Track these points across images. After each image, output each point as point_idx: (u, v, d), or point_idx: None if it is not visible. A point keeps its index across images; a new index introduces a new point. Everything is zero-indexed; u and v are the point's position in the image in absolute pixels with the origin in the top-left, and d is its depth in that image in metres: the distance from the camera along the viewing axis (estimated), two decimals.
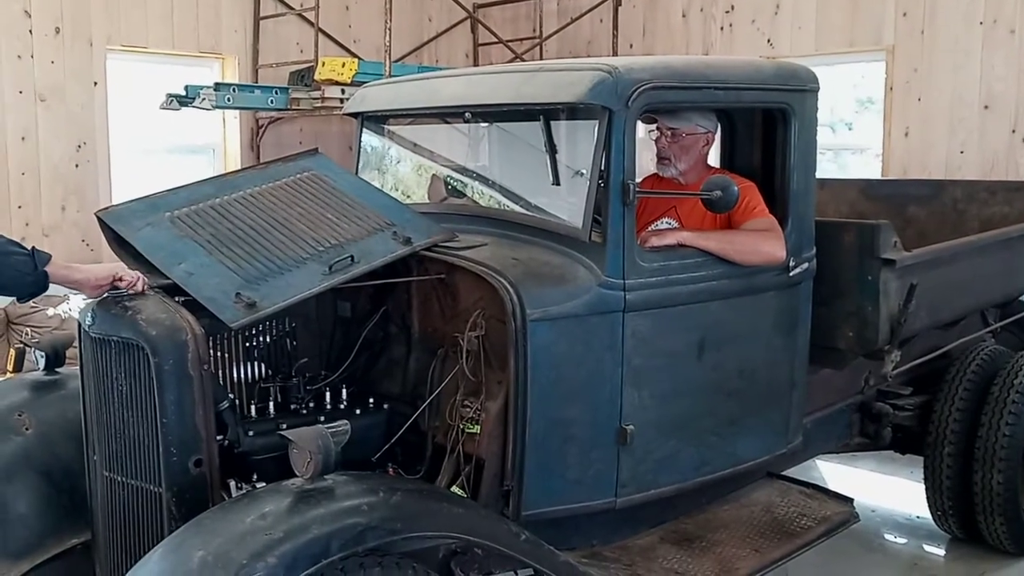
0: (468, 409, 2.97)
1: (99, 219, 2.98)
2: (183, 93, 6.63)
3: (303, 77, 7.16)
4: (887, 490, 5.16)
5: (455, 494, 2.85)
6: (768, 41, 7.34)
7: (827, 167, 6.82)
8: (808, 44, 7.11)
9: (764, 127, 3.73)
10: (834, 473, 5.27)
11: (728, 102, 3.35)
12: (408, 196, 3.92)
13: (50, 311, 6.28)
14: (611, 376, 2.99)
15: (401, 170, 4.10)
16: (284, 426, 2.82)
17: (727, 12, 7.59)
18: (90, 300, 2.83)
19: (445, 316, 3.14)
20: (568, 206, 3.19)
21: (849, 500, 3.61)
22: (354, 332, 3.26)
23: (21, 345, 4.91)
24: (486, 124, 3.77)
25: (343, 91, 6.95)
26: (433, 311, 3.19)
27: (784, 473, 3.78)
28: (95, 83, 6.81)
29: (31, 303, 6.27)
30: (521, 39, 8.60)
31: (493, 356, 2.93)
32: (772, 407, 3.46)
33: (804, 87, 3.38)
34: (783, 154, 3.38)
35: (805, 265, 3.41)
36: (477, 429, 2.94)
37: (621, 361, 2.99)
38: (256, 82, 7.44)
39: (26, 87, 6.50)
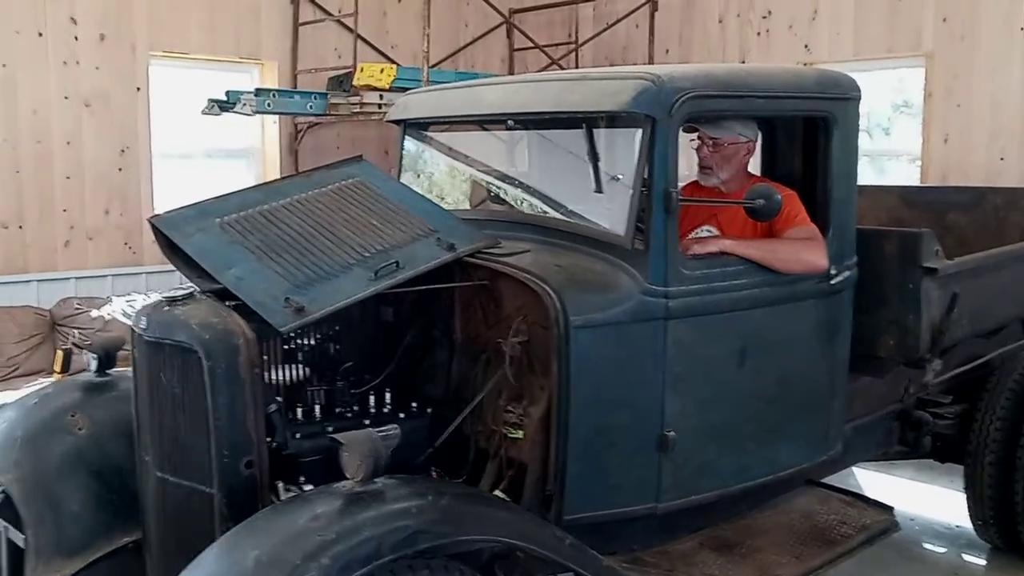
0: (511, 414, 3.00)
1: (152, 225, 3.04)
2: (224, 98, 6.73)
3: (342, 82, 7.24)
4: (926, 498, 5.13)
5: (501, 498, 2.88)
6: (805, 47, 7.32)
7: (864, 172, 6.76)
8: (846, 50, 7.09)
9: (805, 135, 3.74)
10: (872, 481, 5.25)
11: (770, 110, 3.36)
12: (449, 202, 3.96)
13: (94, 313, 6.40)
14: (653, 383, 3.01)
15: (442, 176, 4.15)
16: (330, 429, 2.87)
17: (764, 17, 7.58)
18: (145, 304, 2.89)
19: (488, 322, 3.17)
20: (609, 213, 3.22)
21: (889, 508, 3.61)
22: (397, 337, 3.31)
23: (68, 347, 5.00)
24: (526, 131, 3.80)
25: (381, 96, 7.03)
26: (476, 317, 3.22)
27: (823, 481, 3.77)
28: (138, 88, 6.93)
29: (75, 304, 6.41)
30: (557, 44, 8.63)
31: (536, 362, 2.96)
32: (812, 414, 3.47)
33: (846, 95, 3.39)
34: (824, 162, 3.38)
35: (846, 273, 3.41)
36: (520, 434, 2.97)
37: (663, 368, 3.01)
38: (295, 87, 7.53)
39: (72, 92, 6.63)
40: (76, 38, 6.63)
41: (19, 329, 6.19)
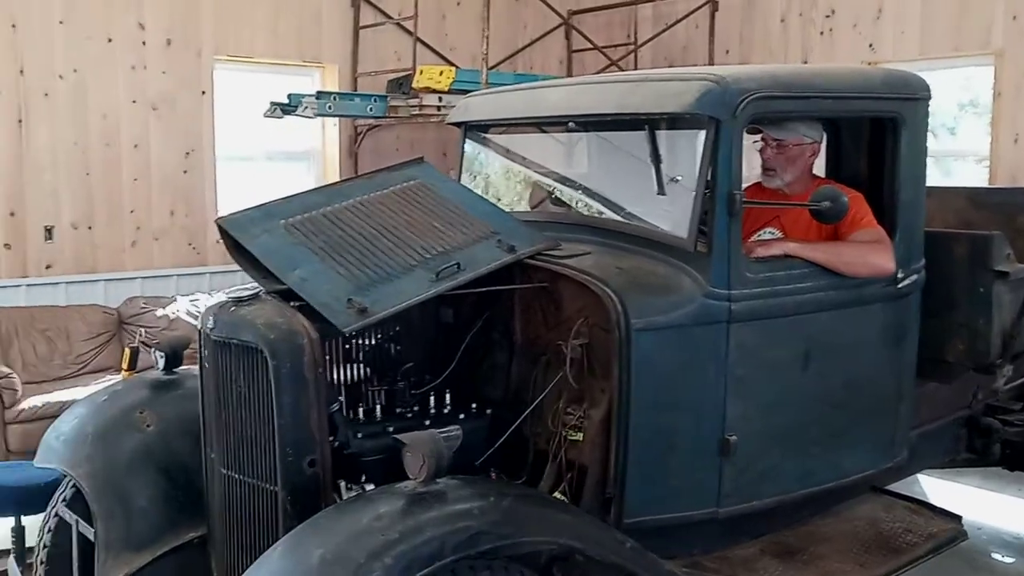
0: (571, 416, 2.99)
1: (218, 226, 3.09)
2: (286, 101, 6.83)
3: (401, 85, 7.31)
4: (994, 507, 5.00)
5: (561, 500, 2.88)
6: (870, 46, 7.19)
7: (929, 173, 6.62)
8: (912, 49, 6.95)
9: (871, 136, 3.67)
10: (938, 489, 5.13)
11: (836, 111, 3.31)
12: (509, 204, 3.97)
13: (159, 312, 6.54)
14: (715, 386, 2.98)
15: (502, 178, 4.16)
16: (391, 429, 2.89)
17: (827, 16, 7.46)
18: (212, 304, 2.94)
19: (548, 324, 3.17)
20: (671, 216, 3.20)
21: (957, 517, 3.52)
22: (456, 338, 3.32)
23: (136, 345, 5.11)
24: (586, 133, 3.79)
25: (440, 99, 7.07)
26: (536, 319, 3.22)
27: (888, 488, 3.70)
28: (203, 92, 7.07)
29: (141, 304, 6.55)
30: (616, 45, 8.60)
31: (596, 364, 2.95)
32: (878, 420, 3.40)
33: (915, 95, 3.32)
34: (892, 164, 3.32)
35: (914, 277, 3.35)
36: (580, 436, 2.96)
37: (725, 371, 2.98)
38: (355, 90, 7.62)
39: (139, 96, 6.79)
40: (144, 43, 6.79)
41: (88, 327, 6.35)
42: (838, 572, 3.13)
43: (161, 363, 3.47)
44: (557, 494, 2.97)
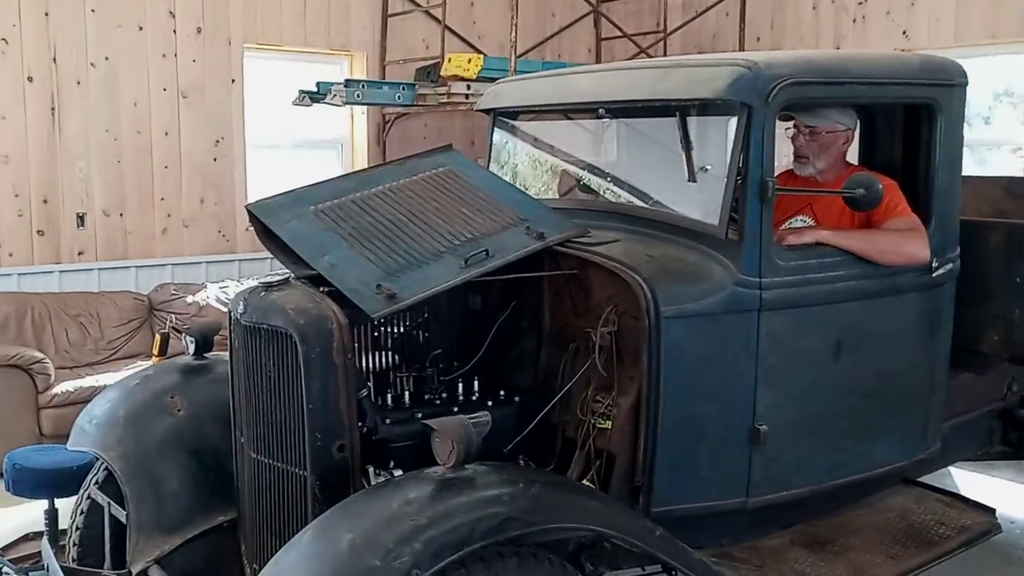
0: (599, 404, 2.98)
1: (249, 211, 3.10)
2: (315, 90, 6.84)
3: (429, 73, 7.30)
4: None
5: (590, 488, 2.87)
6: (903, 33, 7.09)
7: (964, 162, 6.55)
8: (947, 36, 6.84)
9: (906, 123, 3.62)
10: (970, 481, 5.07)
11: (871, 98, 3.27)
12: (537, 192, 3.95)
13: (189, 298, 6.59)
14: (745, 375, 2.96)
15: (529, 165, 4.14)
16: (419, 415, 2.89)
17: (860, 3, 7.37)
18: (242, 289, 2.95)
19: (577, 311, 3.16)
20: (702, 203, 3.17)
21: (991, 510, 3.48)
22: (484, 325, 3.31)
23: (166, 331, 5.15)
24: (615, 120, 3.77)
25: (468, 87, 7.06)
26: (565, 306, 3.21)
27: (920, 480, 3.66)
28: (232, 80, 7.10)
29: (172, 290, 6.60)
30: (645, 33, 8.53)
31: (625, 352, 2.93)
32: (910, 411, 3.37)
33: (951, 82, 3.27)
34: (927, 151, 3.28)
35: (949, 266, 3.30)
36: (608, 424, 2.95)
37: (755, 360, 2.96)
38: (384, 78, 7.62)
39: (169, 84, 6.83)
40: (174, 32, 6.82)
41: (119, 313, 6.41)
42: (869, 564, 3.10)
43: (191, 348, 3.49)
44: (585, 482, 2.96)
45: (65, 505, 3.60)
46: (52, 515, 3.77)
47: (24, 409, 5.47)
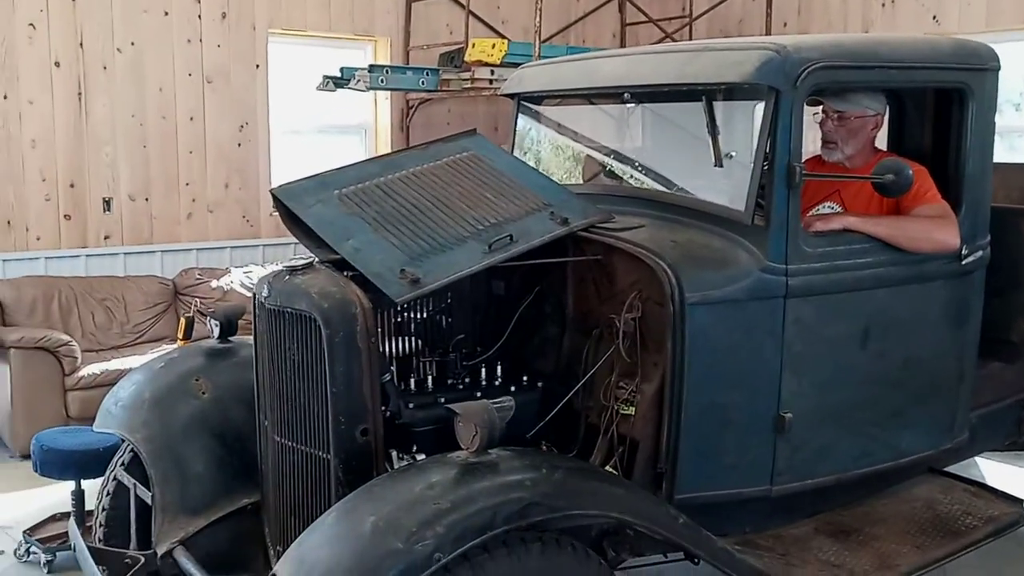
0: (623, 390, 2.97)
1: (273, 196, 3.11)
2: (339, 75, 6.84)
3: (453, 58, 7.27)
4: None
5: (613, 474, 2.86)
6: (934, 18, 6.99)
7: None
8: (978, 20, 6.73)
9: (936, 108, 3.57)
10: (996, 472, 5.01)
11: (901, 82, 3.22)
12: (561, 177, 3.93)
13: (214, 283, 6.63)
14: (770, 362, 2.94)
15: (555, 151, 4.12)
16: (442, 400, 2.89)
17: None
18: (266, 273, 2.96)
19: (601, 297, 3.14)
20: (728, 188, 3.14)
21: (1018, 501, 3.43)
22: (508, 310, 3.31)
23: (191, 314, 5.18)
24: (639, 105, 3.74)
25: (492, 72, 7.02)
26: (588, 292, 3.20)
27: (946, 469, 3.62)
28: (257, 65, 7.11)
29: (196, 275, 6.64)
30: (670, 18, 8.47)
31: (649, 338, 2.92)
32: (938, 400, 3.33)
33: (984, 66, 3.22)
34: (958, 136, 3.23)
35: (979, 253, 3.26)
36: (632, 411, 2.94)
37: (781, 347, 2.93)
38: (407, 64, 7.61)
39: (194, 70, 6.85)
40: (199, 17, 6.83)
41: (144, 297, 6.46)
42: (894, 554, 3.07)
43: (216, 332, 3.51)
44: (608, 468, 2.95)
45: (91, 486, 3.64)
46: (79, 496, 3.83)
47: (51, 391, 5.52)
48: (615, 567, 2.75)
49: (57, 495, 4.45)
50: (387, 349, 3.10)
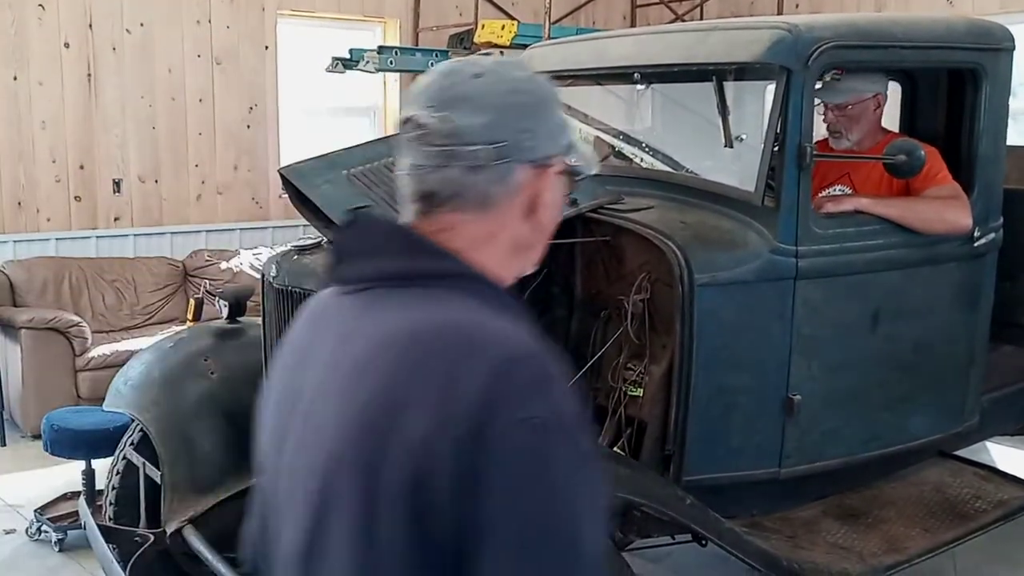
0: (631, 372, 2.96)
1: (281, 175, 3.10)
2: (348, 56, 6.82)
3: (463, 40, 7.24)
4: None
5: (621, 455, 2.86)
6: None
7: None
8: (992, 1, 6.66)
9: (950, 89, 3.53)
10: (1007, 456, 4.99)
11: (915, 62, 3.19)
12: None
13: (223, 264, 6.64)
14: (779, 344, 2.92)
15: None
16: None
17: None
18: (274, 254, 2.96)
19: (609, 278, 3.13)
20: (738, 169, 3.12)
21: None
22: (516, 291, 3.29)
23: (200, 296, 5.19)
24: (649, 86, 3.71)
25: (502, 53, 6.98)
26: (597, 273, 3.19)
27: (956, 453, 3.61)
28: (266, 47, 7.09)
29: (206, 256, 6.65)
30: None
31: (658, 320, 2.91)
32: (948, 383, 3.32)
33: (999, 46, 3.18)
34: (971, 117, 3.20)
35: (991, 236, 3.23)
36: (640, 392, 2.93)
37: (790, 330, 2.92)
38: (417, 45, 7.57)
39: (203, 51, 6.83)
40: None
41: (154, 278, 6.47)
42: (903, 537, 3.07)
43: (225, 312, 3.51)
44: (616, 449, 2.95)
45: (101, 465, 3.66)
46: (89, 475, 3.85)
47: (62, 371, 5.55)
48: (622, 548, 2.75)
49: (68, 474, 4.47)
50: None
